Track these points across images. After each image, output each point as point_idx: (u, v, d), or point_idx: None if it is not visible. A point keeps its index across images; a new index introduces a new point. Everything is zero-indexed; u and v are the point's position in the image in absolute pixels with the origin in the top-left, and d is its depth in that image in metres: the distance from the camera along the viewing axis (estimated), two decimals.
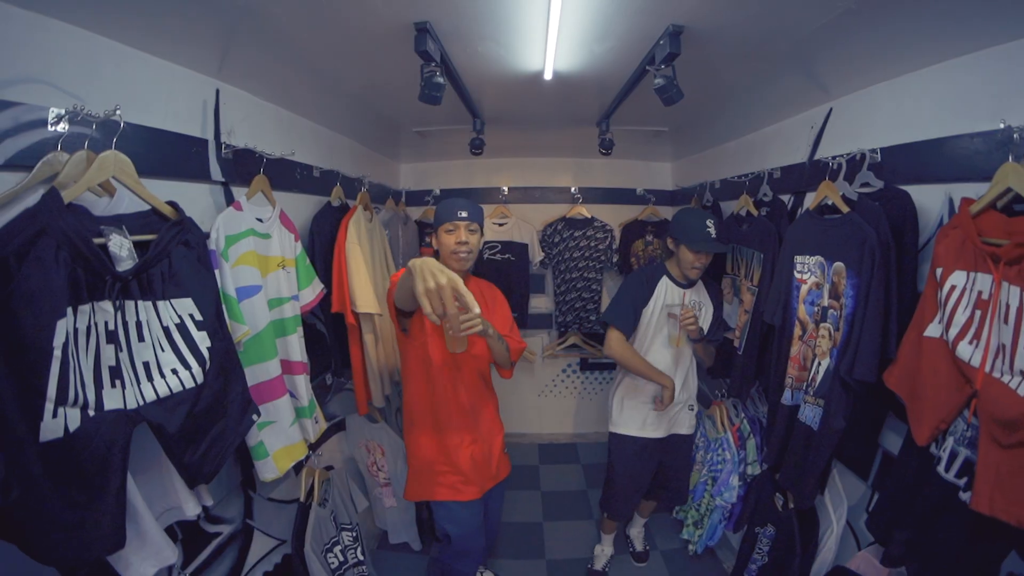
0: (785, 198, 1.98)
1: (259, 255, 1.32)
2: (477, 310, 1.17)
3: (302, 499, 1.67)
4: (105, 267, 0.81)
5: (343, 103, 2.04)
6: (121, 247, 0.84)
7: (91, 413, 0.83)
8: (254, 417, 1.16)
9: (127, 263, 0.86)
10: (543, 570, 2.43)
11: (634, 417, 2.10)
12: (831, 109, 1.74)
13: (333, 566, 1.71)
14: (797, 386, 1.56)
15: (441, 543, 1.87)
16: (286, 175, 1.73)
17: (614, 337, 1.99)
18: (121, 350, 0.86)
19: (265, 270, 1.35)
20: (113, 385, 0.85)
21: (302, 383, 1.49)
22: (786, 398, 1.60)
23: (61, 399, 0.77)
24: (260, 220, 1.37)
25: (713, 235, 1.89)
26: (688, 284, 2.05)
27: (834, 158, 1.55)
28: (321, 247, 1.84)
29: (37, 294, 0.72)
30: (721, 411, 2.24)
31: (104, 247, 0.83)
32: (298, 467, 1.71)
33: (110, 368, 0.85)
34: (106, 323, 0.84)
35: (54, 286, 0.74)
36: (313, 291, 1.61)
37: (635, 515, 2.52)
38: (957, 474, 1.10)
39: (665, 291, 2.03)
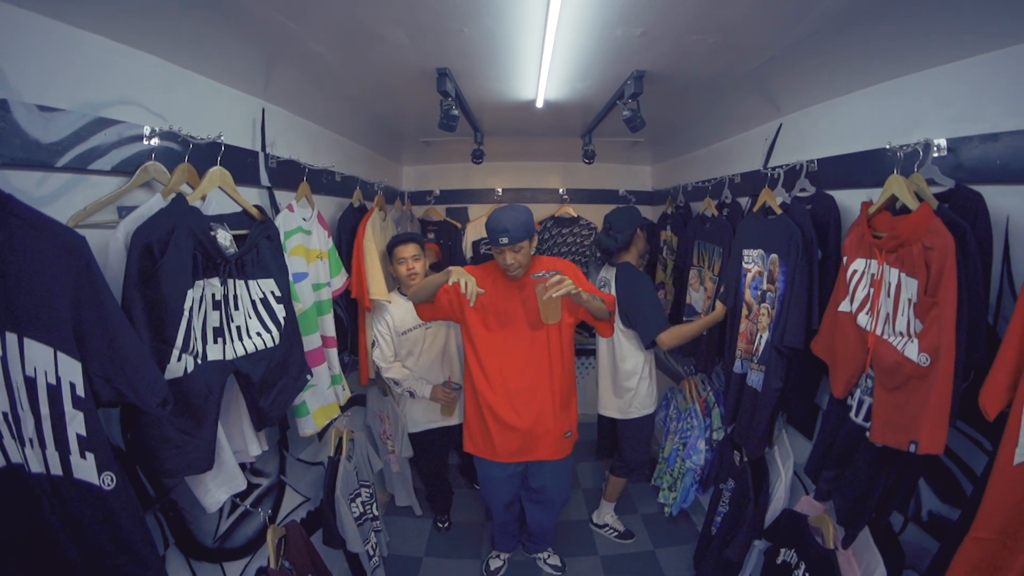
0: (744, 200, 2.29)
1: (305, 248, 1.61)
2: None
3: (331, 454, 1.95)
4: (219, 253, 1.10)
5: (364, 120, 2.34)
6: (225, 239, 1.13)
7: (199, 361, 1.11)
8: (308, 376, 1.45)
9: (230, 250, 1.15)
10: None
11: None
12: (781, 124, 2.03)
13: (355, 514, 1.99)
14: (745, 357, 1.87)
15: None
16: (315, 180, 2.01)
17: (666, 336, 2.20)
18: (223, 315, 1.14)
19: (309, 260, 1.64)
20: (215, 341, 1.14)
21: (334, 355, 1.79)
22: (737, 367, 1.91)
23: (184, 348, 1.06)
24: (304, 219, 1.66)
25: None
26: None
27: (773, 169, 1.87)
28: (346, 243, 2.13)
29: (175, 270, 1.01)
30: (690, 385, 2.57)
31: (213, 238, 1.12)
32: (321, 434, 2.01)
33: (214, 329, 1.14)
34: (213, 295, 1.12)
35: (185, 265, 1.03)
36: (341, 279, 1.91)
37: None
38: (864, 418, 1.38)
39: None
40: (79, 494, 0.86)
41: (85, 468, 0.86)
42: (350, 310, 2.32)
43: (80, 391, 0.83)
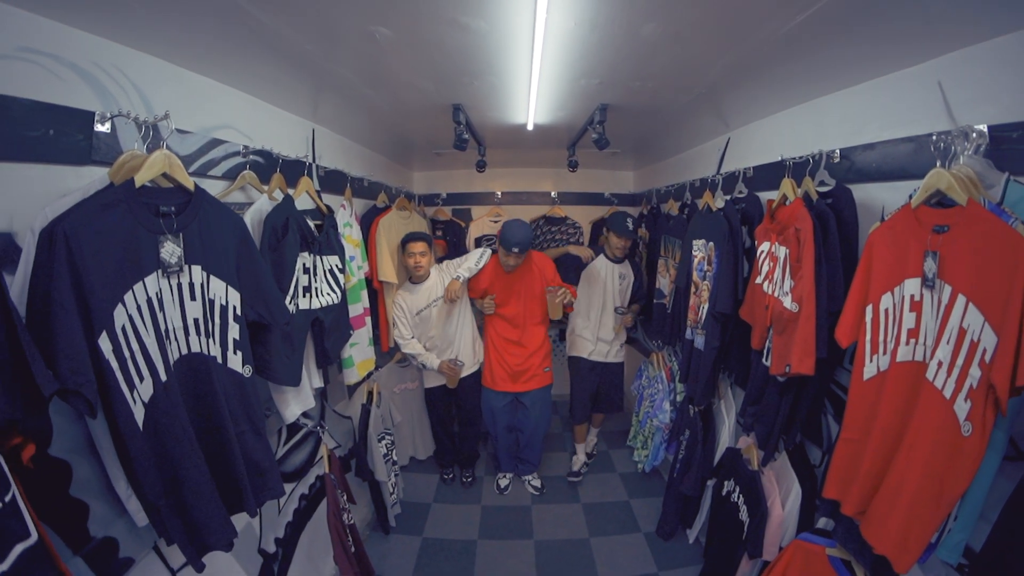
0: (700, 201, 2.77)
1: (351, 237, 2.11)
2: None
3: (364, 402, 2.43)
4: (313, 236, 1.61)
5: (387, 135, 2.86)
6: (312, 226, 1.63)
7: (295, 308, 1.60)
8: (350, 332, 1.95)
9: (315, 234, 1.65)
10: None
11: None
12: (729, 138, 2.49)
13: (382, 452, 2.47)
14: (693, 325, 2.35)
15: None
16: (352, 185, 2.50)
17: None
18: (310, 278, 1.64)
19: (354, 246, 2.14)
20: (304, 296, 1.63)
21: (370, 322, 2.28)
22: (688, 335, 2.40)
23: (292, 297, 1.55)
24: (349, 216, 2.16)
25: (630, 227, 2.89)
26: (617, 260, 3.10)
27: (715, 176, 2.37)
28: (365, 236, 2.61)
29: (292, 244, 1.51)
30: (658, 357, 3.06)
31: (309, 226, 1.62)
32: (351, 392, 2.50)
33: (303, 287, 1.63)
34: (304, 264, 1.62)
35: (297, 242, 1.53)
36: (367, 265, 2.40)
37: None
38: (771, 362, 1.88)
39: (604, 266, 3.10)
40: (228, 376, 1.26)
41: (235, 360, 1.29)
42: (371, 292, 2.80)
43: (238, 311, 1.29)
